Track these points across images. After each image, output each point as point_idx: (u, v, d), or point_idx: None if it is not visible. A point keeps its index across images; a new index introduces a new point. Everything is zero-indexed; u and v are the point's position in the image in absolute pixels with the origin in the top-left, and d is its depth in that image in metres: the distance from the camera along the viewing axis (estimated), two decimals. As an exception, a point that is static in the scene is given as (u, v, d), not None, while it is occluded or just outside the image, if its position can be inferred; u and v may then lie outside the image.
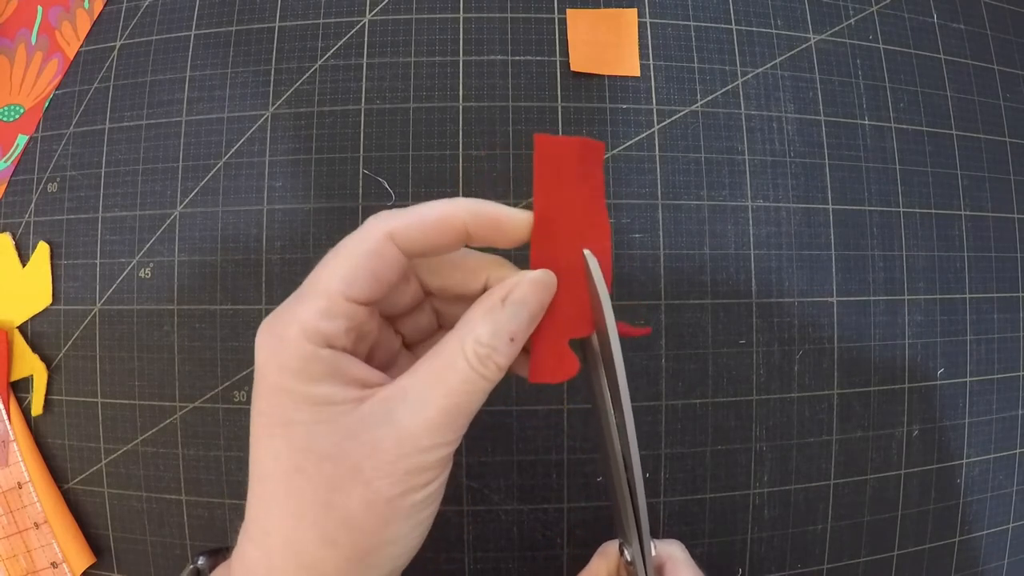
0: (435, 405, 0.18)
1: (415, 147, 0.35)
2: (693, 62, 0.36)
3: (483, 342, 0.18)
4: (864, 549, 0.36)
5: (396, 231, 0.19)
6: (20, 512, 0.34)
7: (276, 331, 0.18)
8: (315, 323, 0.18)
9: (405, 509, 0.18)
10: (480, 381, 0.18)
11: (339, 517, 0.18)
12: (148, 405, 0.34)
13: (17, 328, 0.35)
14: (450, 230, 0.19)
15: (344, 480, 0.17)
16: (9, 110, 0.37)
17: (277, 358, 0.18)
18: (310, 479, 0.18)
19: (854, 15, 0.38)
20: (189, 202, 0.35)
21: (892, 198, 0.37)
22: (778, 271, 0.35)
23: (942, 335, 0.37)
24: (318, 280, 0.19)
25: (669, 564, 0.24)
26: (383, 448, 0.18)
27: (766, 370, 0.35)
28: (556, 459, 0.33)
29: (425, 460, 0.18)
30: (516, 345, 0.19)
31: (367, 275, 0.18)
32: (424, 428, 0.18)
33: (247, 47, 0.36)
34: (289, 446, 0.18)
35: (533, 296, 0.19)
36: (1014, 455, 0.38)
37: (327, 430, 0.18)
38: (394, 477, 0.18)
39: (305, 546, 0.18)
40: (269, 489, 0.18)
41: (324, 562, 0.18)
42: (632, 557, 0.23)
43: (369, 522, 0.18)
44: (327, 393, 0.18)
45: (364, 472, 0.17)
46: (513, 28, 0.36)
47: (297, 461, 0.18)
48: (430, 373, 0.18)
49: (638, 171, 0.35)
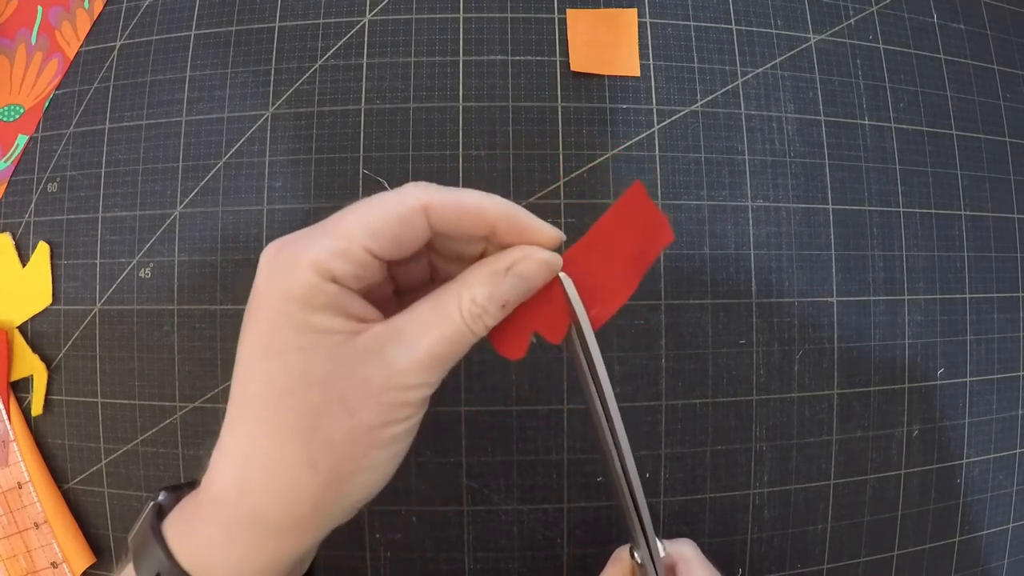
0: (425, 349, 0.19)
1: (415, 147, 0.35)
2: (693, 62, 0.36)
3: (479, 302, 0.19)
4: (864, 549, 0.36)
5: (432, 206, 0.20)
6: (20, 512, 0.34)
7: (285, 259, 0.19)
8: (328, 261, 0.18)
9: (384, 439, 0.19)
10: (468, 335, 0.19)
11: (322, 441, 0.18)
12: (148, 405, 0.34)
13: (17, 328, 0.35)
14: (481, 222, 0.20)
15: (331, 407, 0.18)
16: (9, 110, 0.37)
17: (282, 285, 0.19)
18: (298, 403, 0.18)
19: (854, 15, 0.38)
20: (189, 202, 0.35)
21: (892, 198, 0.37)
22: (778, 271, 0.35)
23: (942, 335, 0.37)
24: (342, 222, 0.19)
25: (681, 563, 0.25)
26: (371, 381, 0.18)
27: (766, 370, 0.35)
28: (556, 459, 0.33)
29: (407, 396, 0.19)
30: (505, 312, 0.20)
31: (391, 236, 0.19)
32: (412, 368, 0.19)
33: (247, 47, 0.36)
34: (283, 370, 0.18)
35: (537, 274, 0.20)
36: (1014, 455, 0.38)
37: (321, 357, 0.18)
38: (378, 409, 0.19)
39: (285, 467, 0.18)
40: (254, 411, 0.19)
41: (302, 484, 0.18)
42: (642, 559, 0.23)
43: (350, 448, 0.18)
44: (326, 323, 0.19)
45: (350, 401, 0.18)
46: (513, 28, 0.36)
47: (288, 385, 0.18)
48: (426, 319, 0.19)
49: (638, 171, 0.35)
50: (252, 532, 0.19)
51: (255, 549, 0.19)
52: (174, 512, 0.20)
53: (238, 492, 0.19)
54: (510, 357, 0.21)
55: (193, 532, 0.20)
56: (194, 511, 0.20)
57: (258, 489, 0.19)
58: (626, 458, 0.22)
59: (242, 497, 0.19)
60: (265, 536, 0.19)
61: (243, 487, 0.19)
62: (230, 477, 0.19)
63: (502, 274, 0.20)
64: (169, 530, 0.20)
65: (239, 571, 0.19)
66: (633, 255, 0.21)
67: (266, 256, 0.20)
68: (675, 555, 0.25)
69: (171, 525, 0.20)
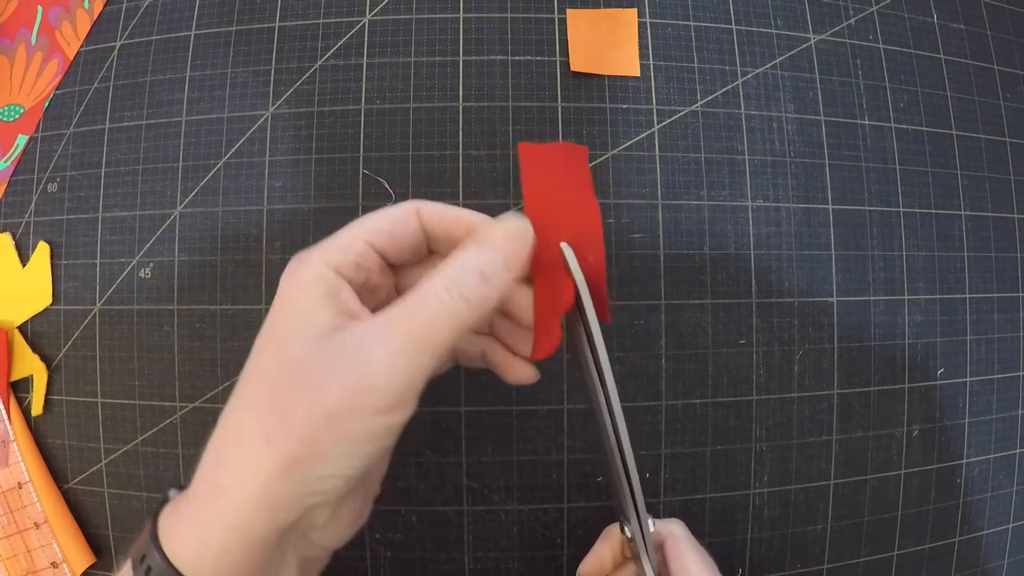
0: (398, 329, 0.19)
1: (415, 147, 0.35)
2: (693, 62, 0.36)
3: (451, 274, 0.20)
4: (864, 549, 0.36)
5: (423, 208, 0.22)
6: (20, 512, 0.34)
7: (300, 259, 0.21)
8: (333, 252, 0.21)
9: (342, 431, 0.19)
10: (446, 314, 0.19)
11: (279, 416, 0.19)
12: (148, 405, 0.34)
13: (17, 328, 0.35)
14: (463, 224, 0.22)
15: (297, 385, 0.19)
16: (9, 110, 0.37)
17: (294, 278, 0.20)
18: (272, 380, 0.19)
19: (854, 15, 0.38)
20: (189, 202, 0.35)
21: (892, 198, 0.37)
22: (778, 271, 0.35)
23: (942, 335, 0.37)
24: (350, 225, 0.22)
25: (670, 540, 0.25)
26: (340, 362, 0.19)
27: (766, 370, 0.35)
28: (556, 459, 0.34)
29: (374, 383, 0.19)
30: (488, 284, 0.20)
31: (388, 232, 0.22)
32: (382, 350, 0.19)
33: (247, 47, 0.36)
34: (273, 351, 0.20)
35: (504, 241, 0.21)
36: (1014, 455, 0.38)
37: (304, 341, 0.19)
38: (341, 389, 0.18)
39: (249, 440, 0.19)
40: (242, 386, 0.20)
41: (259, 457, 0.19)
42: (632, 533, 0.23)
43: (304, 429, 0.18)
44: (318, 311, 0.20)
45: (315, 380, 0.19)
46: (513, 28, 0.36)
47: (271, 363, 0.20)
48: (402, 303, 0.20)
49: (638, 171, 0.35)
50: (214, 502, 0.19)
51: (215, 520, 0.19)
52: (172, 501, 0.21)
53: (213, 465, 0.20)
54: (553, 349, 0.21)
55: (175, 510, 0.20)
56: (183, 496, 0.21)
57: (226, 461, 0.19)
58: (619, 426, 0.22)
59: (215, 469, 0.20)
60: (226, 508, 0.19)
61: (218, 460, 0.20)
62: (211, 452, 0.20)
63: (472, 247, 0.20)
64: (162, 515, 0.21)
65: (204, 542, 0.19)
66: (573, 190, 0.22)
67: (290, 262, 0.21)
68: (664, 532, 0.25)
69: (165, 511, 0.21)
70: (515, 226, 0.21)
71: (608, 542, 0.26)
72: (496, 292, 0.20)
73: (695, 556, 0.24)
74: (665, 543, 0.25)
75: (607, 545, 0.26)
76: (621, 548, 0.26)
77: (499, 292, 0.20)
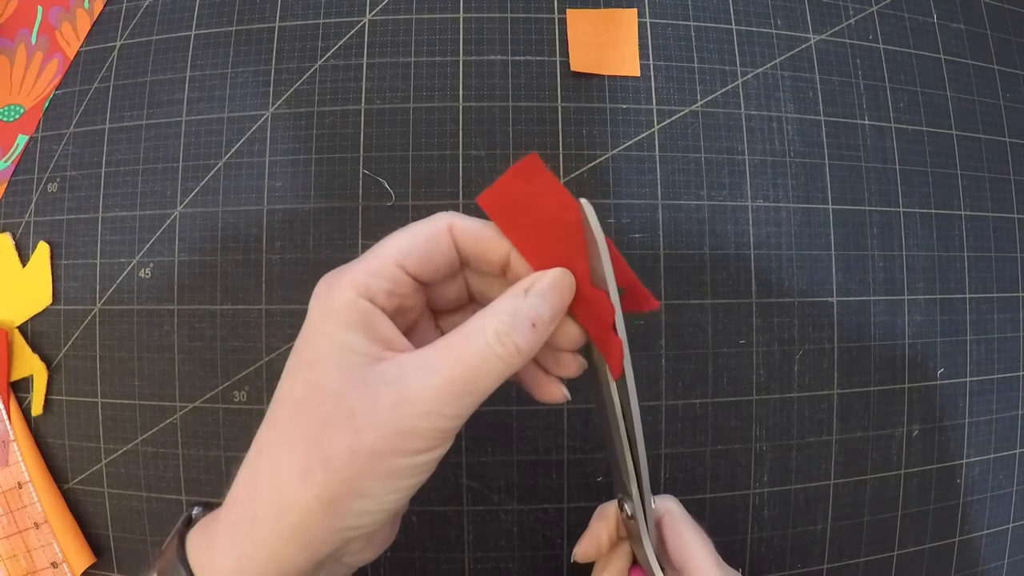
0: (443, 373, 0.18)
1: (415, 147, 0.35)
2: (693, 62, 0.36)
3: (503, 320, 0.19)
4: (864, 549, 0.36)
5: (456, 225, 0.21)
6: (20, 512, 0.34)
7: (330, 282, 0.20)
8: (364, 278, 0.20)
9: (384, 469, 0.18)
10: (494, 360, 0.19)
11: (321, 453, 0.18)
12: (148, 405, 0.34)
13: (17, 328, 0.35)
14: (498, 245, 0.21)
15: (337, 421, 0.18)
16: (9, 110, 0.37)
17: (323, 303, 0.20)
18: (310, 413, 0.19)
19: (854, 15, 0.38)
20: (189, 202, 0.35)
21: (892, 198, 0.37)
22: (778, 271, 0.35)
23: (942, 335, 0.37)
24: (379, 247, 0.21)
25: (667, 517, 0.25)
26: (381, 401, 0.18)
27: (766, 370, 0.35)
28: (556, 459, 0.33)
29: (418, 425, 0.18)
30: (537, 332, 0.20)
31: (421, 254, 0.20)
32: (426, 392, 0.18)
33: (247, 47, 0.36)
34: (306, 381, 0.19)
35: (551, 292, 0.20)
36: (1014, 455, 0.38)
37: (340, 373, 0.19)
38: (383, 432, 0.18)
39: (286, 473, 0.19)
40: (275, 415, 0.20)
41: (296, 492, 0.18)
42: (633, 511, 0.23)
43: (346, 467, 0.18)
44: (353, 341, 0.19)
45: (356, 419, 0.18)
46: (513, 28, 0.36)
47: (307, 395, 0.19)
48: (447, 344, 0.19)
49: (638, 171, 0.35)
50: (251, 533, 0.19)
51: (251, 551, 0.19)
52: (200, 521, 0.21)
53: (247, 492, 0.20)
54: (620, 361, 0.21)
55: (206, 535, 0.20)
56: (213, 517, 0.21)
57: (261, 491, 0.19)
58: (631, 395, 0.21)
59: (250, 497, 0.19)
60: (263, 539, 0.19)
61: (252, 487, 0.20)
62: (245, 478, 0.20)
63: (522, 295, 0.20)
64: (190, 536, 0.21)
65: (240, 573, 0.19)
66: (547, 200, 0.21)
67: (318, 283, 0.21)
68: (660, 510, 0.25)
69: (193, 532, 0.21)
70: (560, 275, 0.20)
71: (603, 521, 0.26)
72: (542, 341, 0.20)
73: (693, 532, 0.24)
74: (662, 520, 0.25)
75: (603, 524, 0.26)
76: (617, 527, 0.26)
77: (544, 339, 0.20)
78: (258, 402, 0.34)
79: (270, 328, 0.34)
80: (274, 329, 0.34)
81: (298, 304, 0.34)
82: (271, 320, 0.34)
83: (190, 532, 0.21)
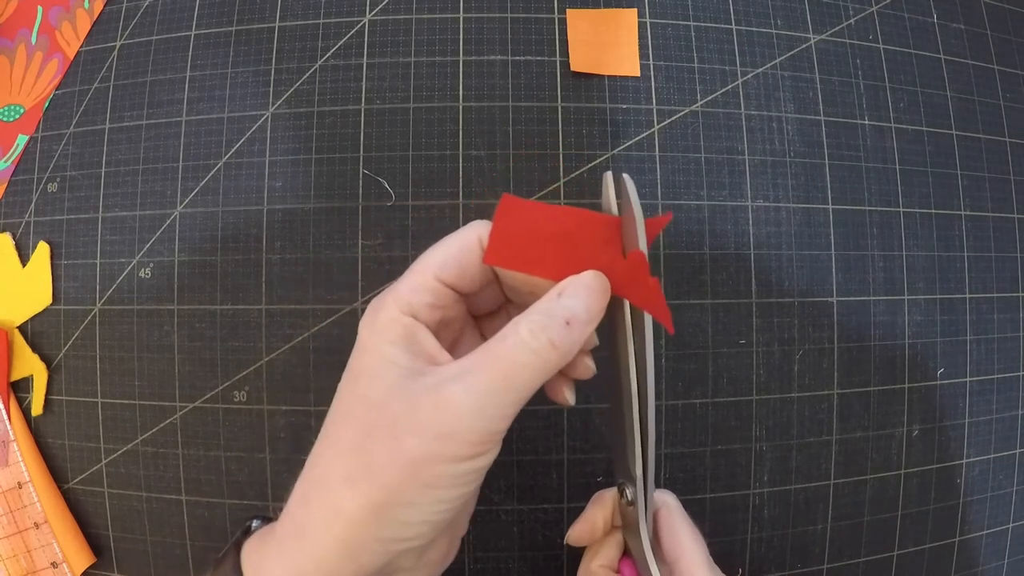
0: (479, 374, 0.19)
1: (415, 147, 0.35)
2: (693, 62, 0.36)
3: (536, 320, 0.19)
4: (864, 549, 0.36)
5: (484, 235, 0.21)
6: (20, 512, 0.34)
7: (378, 302, 0.21)
8: (407, 295, 0.20)
9: (426, 476, 0.18)
10: (529, 355, 0.19)
11: (364, 461, 0.19)
12: (148, 405, 0.34)
13: (17, 328, 0.35)
14: None
15: (380, 429, 0.19)
16: (9, 110, 0.37)
17: (370, 323, 0.21)
18: (356, 423, 0.19)
19: (854, 15, 0.38)
20: (189, 202, 0.35)
21: (892, 198, 0.37)
22: (778, 271, 0.35)
23: (942, 335, 0.37)
24: (417, 263, 0.21)
25: (663, 511, 0.25)
26: (421, 408, 0.18)
27: (766, 370, 0.35)
28: (556, 459, 0.34)
29: (457, 428, 0.18)
30: (573, 330, 0.20)
31: (456, 265, 0.21)
32: (463, 395, 0.18)
33: (247, 47, 0.36)
34: (352, 394, 0.20)
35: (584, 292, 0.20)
36: (1014, 455, 0.38)
37: (384, 384, 0.19)
38: (423, 437, 0.18)
39: (332, 481, 0.19)
40: (326, 430, 0.20)
41: (343, 500, 0.19)
42: (633, 496, 0.23)
43: (387, 474, 0.18)
44: (396, 354, 0.20)
45: (398, 426, 0.19)
46: (513, 28, 0.36)
47: (353, 406, 0.20)
48: (483, 348, 0.20)
49: (638, 171, 0.35)
50: (300, 545, 0.19)
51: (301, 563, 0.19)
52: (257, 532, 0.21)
53: (299, 503, 0.20)
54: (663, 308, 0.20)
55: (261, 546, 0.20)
56: (269, 529, 0.21)
57: (311, 501, 0.19)
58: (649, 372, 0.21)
59: (301, 508, 0.20)
60: (311, 551, 0.19)
61: (304, 499, 0.20)
62: (298, 490, 0.20)
63: (555, 298, 0.20)
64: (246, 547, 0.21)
65: None
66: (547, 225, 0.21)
67: (368, 307, 0.21)
68: (658, 503, 0.25)
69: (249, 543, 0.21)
70: (592, 277, 0.21)
71: (600, 507, 0.26)
72: (580, 340, 0.20)
73: (687, 529, 0.24)
74: (659, 513, 0.25)
75: (599, 510, 0.26)
76: (612, 515, 0.26)
77: (582, 340, 0.20)
78: (258, 402, 0.34)
79: (270, 328, 0.34)
80: (274, 329, 0.34)
81: (298, 304, 0.34)
82: (271, 320, 0.34)
83: (246, 543, 0.21)
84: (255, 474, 0.33)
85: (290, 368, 0.34)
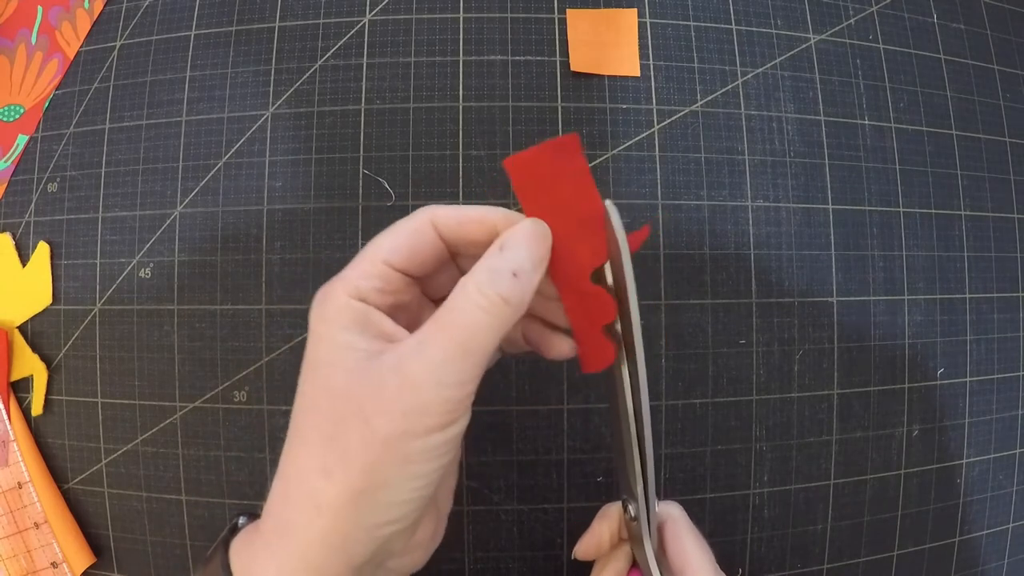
0: (437, 343, 0.19)
1: (415, 147, 0.35)
2: (693, 62, 0.36)
3: (483, 278, 0.19)
4: (864, 549, 0.36)
5: (438, 217, 0.21)
6: (20, 512, 0.34)
7: (324, 291, 0.21)
8: (354, 281, 0.20)
9: (399, 454, 0.18)
10: (480, 314, 0.19)
11: (338, 450, 0.19)
12: (148, 405, 0.34)
13: (17, 328, 0.35)
14: (482, 226, 0.21)
15: (348, 416, 0.19)
16: (9, 110, 0.37)
17: (320, 311, 0.20)
18: (322, 414, 0.19)
19: (854, 15, 0.38)
20: (189, 202, 0.35)
21: (892, 198, 0.37)
22: (778, 271, 0.35)
23: (942, 335, 0.37)
24: (365, 249, 0.21)
25: (669, 523, 0.25)
26: (386, 387, 0.18)
27: (766, 370, 0.35)
28: (556, 459, 0.34)
29: (423, 400, 0.18)
30: (521, 281, 0.19)
31: (407, 248, 0.21)
32: (424, 365, 0.18)
33: (247, 47, 0.36)
34: (313, 385, 0.20)
35: (525, 239, 0.20)
36: (1014, 455, 0.38)
37: (345, 371, 0.19)
38: (391, 415, 0.18)
39: (308, 475, 0.19)
40: (294, 424, 0.20)
41: (321, 492, 0.19)
42: (636, 512, 0.23)
43: (362, 458, 0.18)
44: (351, 340, 0.19)
45: (365, 409, 0.18)
46: (513, 28, 0.36)
47: (316, 398, 0.20)
48: (435, 317, 0.19)
49: (638, 171, 0.35)
50: (286, 541, 0.19)
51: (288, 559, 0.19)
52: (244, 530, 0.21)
53: (280, 500, 0.20)
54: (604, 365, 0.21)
55: (248, 545, 0.20)
56: (255, 526, 0.21)
57: (291, 499, 0.19)
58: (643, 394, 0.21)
59: (282, 504, 0.20)
60: (297, 546, 0.19)
61: (284, 495, 0.20)
62: (276, 488, 0.20)
63: (497, 252, 0.20)
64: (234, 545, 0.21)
65: None
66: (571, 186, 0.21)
67: (315, 296, 0.21)
68: (664, 515, 0.25)
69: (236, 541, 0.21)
70: (532, 225, 0.21)
71: (606, 521, 0.26)
72: (530, 290, 0.20)
73: (694, 540, 0.24)
74: (664, 525, 0.25)
75: (605, 524, 0.26)
76: (619, 528, 0.26)
77: (532, 290, 0.20)
78: (258, 402, 0.34)
79: (270, 328, 0.34)
80: (274, 329, 0.34)
81: (298, 304, 0.34)
82: (271, 320, 0.34)
83: (234, 541, 0.21)
84: (255, 474, 0.33)
85: (290, 368, 0.34)
